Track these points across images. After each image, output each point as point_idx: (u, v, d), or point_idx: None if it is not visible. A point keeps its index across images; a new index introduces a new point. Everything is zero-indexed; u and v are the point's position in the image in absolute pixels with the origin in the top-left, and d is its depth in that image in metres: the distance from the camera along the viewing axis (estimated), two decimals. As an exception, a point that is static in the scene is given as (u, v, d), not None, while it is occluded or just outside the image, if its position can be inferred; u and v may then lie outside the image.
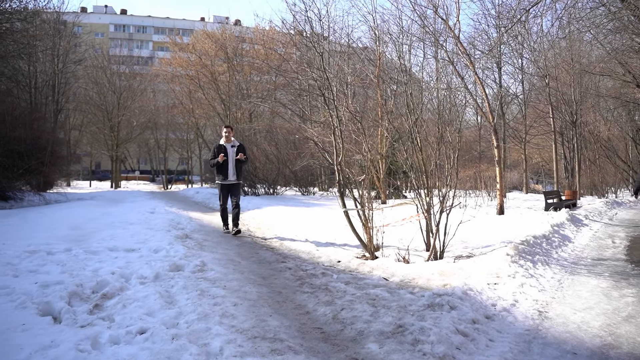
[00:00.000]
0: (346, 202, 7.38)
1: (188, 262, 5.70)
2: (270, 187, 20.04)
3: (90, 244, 6.56)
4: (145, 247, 6.49)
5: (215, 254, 6.60)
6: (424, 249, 7.55)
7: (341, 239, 8.11)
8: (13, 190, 13.17)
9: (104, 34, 72.19)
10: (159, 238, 7.15)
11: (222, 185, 9.30)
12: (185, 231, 8.46)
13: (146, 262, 5.51)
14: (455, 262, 6.33)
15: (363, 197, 7.36)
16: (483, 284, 5.15)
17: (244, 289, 4.78)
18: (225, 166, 9.17)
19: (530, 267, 6.11)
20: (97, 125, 37.60)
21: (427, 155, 7.48)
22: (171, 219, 9.94)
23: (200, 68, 32.71)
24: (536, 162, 35.99)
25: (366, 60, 16.60)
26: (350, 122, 8.20)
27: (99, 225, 8.45)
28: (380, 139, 13.07)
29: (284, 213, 11.95)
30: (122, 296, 4.32)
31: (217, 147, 9.37)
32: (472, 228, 8.04)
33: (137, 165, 65.79)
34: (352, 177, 7.57)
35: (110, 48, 53.42)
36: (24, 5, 20.58)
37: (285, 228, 9.65)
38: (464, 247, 7.61)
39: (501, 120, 25.16)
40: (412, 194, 7.78)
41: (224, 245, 7.63)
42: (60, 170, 16.86)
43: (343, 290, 4.82)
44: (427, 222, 7.15)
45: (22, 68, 25.34)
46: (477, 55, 18.79)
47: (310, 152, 15.51)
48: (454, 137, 7.28)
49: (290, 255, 6.99)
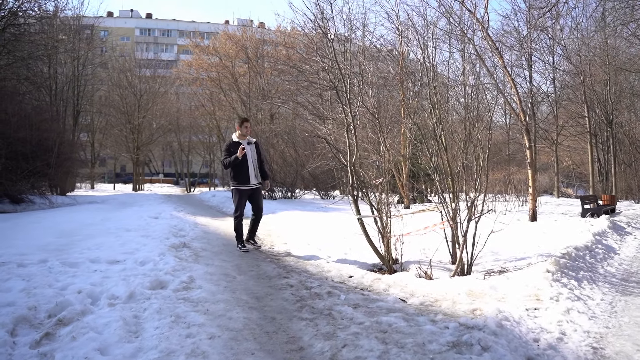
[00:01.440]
0: (362, 207, 6.56)
1: (174, 278, 4.93)
2: (288, 191, 19.29)
3: (72, 254, 5.88)
4: (131, 258, 5.76)
5: (210, 266, 5.82)
6: (449, 261, 6.67)
7: (357, 249, 7.28)
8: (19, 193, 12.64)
9: (130, 38, 72.84)
10: (151, 247, 6.43)
11: (241, 191, 7.60)
12: (185, 239, 7.75)
13: (124, 278, 4.77)
14: (485, 278, 5.44)
15: (380, 202, 6.52)
16: (521, 309, 4.24)
17: (230, 314, 3.97)
18: (244, 167, 7.55)
19: (575, 287, 5.17)
20: (118, 127, 37.56)
21: (453, 155, 6.61)
22: (174, 225, 9.25)
23: (221, 69, 32.31)
24: (566, 165, 34.46)
25: (388, 57, 15.71)
26: (366, 118, 7.38)
27: (92, 232, 7.80)
28: (402, 139, 12.17)
29: (298, 219, 11.16)
30: (79, 323, 3.57)
31: (231, 144, 7.68)
32: (503, 236, 7.09)
33: (162, 168, 66.07)
34: (368, 179, 6.73)
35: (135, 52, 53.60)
36: (39, 5, 20.32)
37: (296, 236, 8.85)
38: (495, 259, 6.71)
39: (532, 120, 23.92)
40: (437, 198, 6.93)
41: (224, 255, 6.86)
42: (69, 172, 16.36)
43: (349, 317, 3.97)
44: (453, 232, 6.26)
45: (43, 70, 25.20)
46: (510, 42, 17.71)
47: (323, 152, 14.67)
48: (484, 134, 6.38)
49: (296, 268, 6.17)
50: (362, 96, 6.71)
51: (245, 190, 7.63)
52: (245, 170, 7.58)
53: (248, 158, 7.59)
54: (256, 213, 7.77)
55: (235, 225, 7.63)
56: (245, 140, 7.73)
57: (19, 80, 21.43)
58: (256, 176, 7.72)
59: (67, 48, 26.62)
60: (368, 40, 19.23)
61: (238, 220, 7.59)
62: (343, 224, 9.75)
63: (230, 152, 7.58)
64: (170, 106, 41.03)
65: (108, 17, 74.44)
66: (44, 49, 23.23)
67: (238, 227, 7.61)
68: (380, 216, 6.42)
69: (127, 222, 9.22)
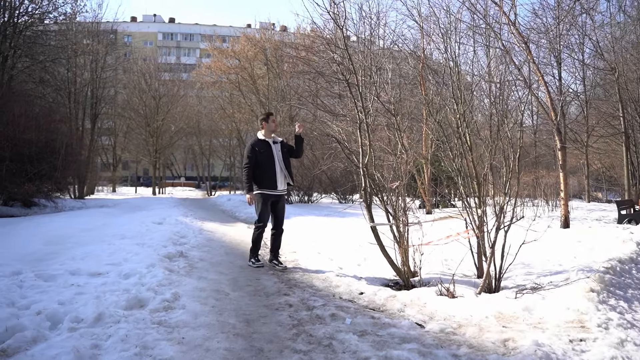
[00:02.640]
0: (377, 214, 5.86)
1: (155, 295, 4.30)
2: (305, 195, 18.62)
3: (52, 265, 5.31)
4: (116, 270, 5.15)
5: (203, 280, 5.18)
6: (474, 274, 5.93)
7: (372, 260, 6.58)
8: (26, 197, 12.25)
9: (153, 43, 73.24)
10: (142, 257, 5.82)
11: (267, 197, 6.51)
12: (184, 247, 7.16)
13: (98, 296, 4.14)
14: (517, 297, 4.69)
15: (397, 208, 5.81)
16: (564, 341, 3.48)
17: (209, 344, 3.30)
18: (270, 168, 6.50)
19: (625, 310, 4.37)
20: (137, 130, 37.54)
21: (479, 156, 5.87)
22: (176, 231, 8.66)
23: (240, 71, 31.92)
24: (596, 169, 33.03)
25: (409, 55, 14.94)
26: (382, 115, 6.67)
27: (84, 239, 7.26)
28: (424, 139, 11.39)
29: (311, 225, 10.49)
30: (24, 355, 2.95)
31: (256, 143, 6.62)
32: (534, 245, 6.30)
33: (184, 171, 66.19)
34: (383, 183, 6.02)
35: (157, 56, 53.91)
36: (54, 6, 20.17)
37: (307, 244, 8.20)
38: (526, 272, 5.94)
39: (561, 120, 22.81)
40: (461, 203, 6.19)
41: (223, 267, 6.20)
42: (77, 175, 15.99)
43: (353, 350, 3.27)
44: (479, 242, 5.51)
45: (61, 73, 25.12)
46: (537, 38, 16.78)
47: (334, 153, 13.93)
48: (514, 131, 5.63)
49: (300, 282, 5.49)
50: (377, 90, 6.01)
51: (271, 196, 6.56)
52: (272, 172, 6.53)
53: (275, 159, 6.57)
54: (276, 226, 6.72)
55: (254, 237, 6.60)
56: (271, 139, 6.70)
57: (36, 83, 21.35)
58: (283, 181, 6.68)
59: (85, 50, 26.48)
60: (389, 38, 18.52)
61: (259, 231, 6.58)
62: (359, 231, 9.02)
63: (255, 153, 6.53)
64: (190, 109, 40.87)
65: (132, 22, 75.26)
66: (62, 51, 23.15)
67: (258, 239, 6.61)
68: (396, 224, 5.72)
69: (127, 228, 8.67)
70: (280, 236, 6.75)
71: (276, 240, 6.70)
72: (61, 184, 14.53)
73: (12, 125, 11.25)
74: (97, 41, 27.78)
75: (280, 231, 6.73)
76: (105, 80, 29.26)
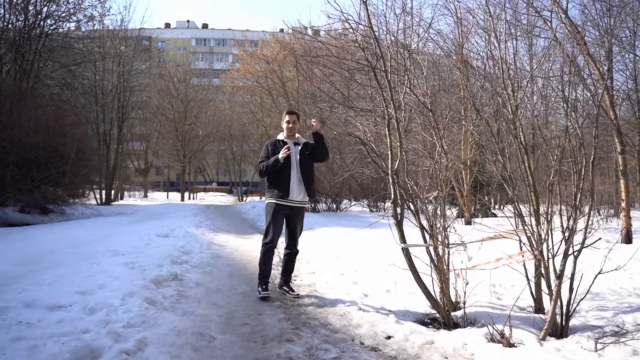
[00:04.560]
0: (409, 232, 4.73)
1: (114, 344, 3.26)
2: (333, 202, 17.49)
3: (8, 293, 4.34)
4: (83, 302, 4.15)
5: (187, 317, 4.12)
6: (530, 307, 4.75)
7: (403, 284, 5.47)
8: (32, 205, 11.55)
9: (186, 49, 73.57)
10: (123, 283, 4.83)
11: (277, 207, 5.31)
12: (183, 267, 6.19)
13: (33, 346, 3.13)
14: (597, 350, 3.49)
15: (434, 225, 4.66)
16: None
17: None
18: (284, 174, 5.32)
19: None
20: (166, 135, 37.30)
21: (535, 159, 4.69)
22: (180, 246, 7.69)
23: (269, 74, 31.23)
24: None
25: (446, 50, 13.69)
26: (415, 111, 5.55)
27: (65, 257, 6.31)
28: (463, 140, 10.14)
29: (337, 238, 9.37)
30: None
31: (272, 143, 5.58)
32: (592, 262, 4.97)
33: (217, 176, 66.09)
34: (417, 193, 4.89)
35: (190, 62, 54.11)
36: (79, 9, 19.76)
37: (330, 262, 7.11)
38: (598, 306, 4.74)
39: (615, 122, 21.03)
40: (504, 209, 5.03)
41: (219, 295, 5.10)
42: (88, 181, 15.30)
43: None
44: (541, 269, 4.31)
45: (89, 77, 24.86)
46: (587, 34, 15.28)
47: (359, 156, 12.73)
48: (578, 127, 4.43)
49: (312, 319, 4.37)
50: (409, 79, 4.87)
51: (282, 206, 5.32)
52: (285, 177, 5.32)
53: (292, 162, 5.36)
54: (290, 245, 5.50)
55: (261, 258, 5.33)
56: (293, 139, 5.56)
57: (61, 87, 21.01)
58: (301, 189, 5.37)
59: (112, 54, 26.17)
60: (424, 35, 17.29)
61: (266, 249, 5.31)
62: (390, 246, 7.81)
63: (268, 152, 5.47)
64: (221, 114, 40.41)
65: (166, 29, 75.97)
66: (88, 55, 22.83)
67: (265, 260, 5.32)
68: (434, 245, 4.57)
69: (125, 241, 7.75)
70: (294, 258, 5.54)
71: (289, 262, 5.52)
72: (70, 190, 13.80)
73: (18, 129, 10.57)
74: (124, 45, 27.43)
75: (294, 252, 5.52)
76: (132, 85, 28.91)
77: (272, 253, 5.37)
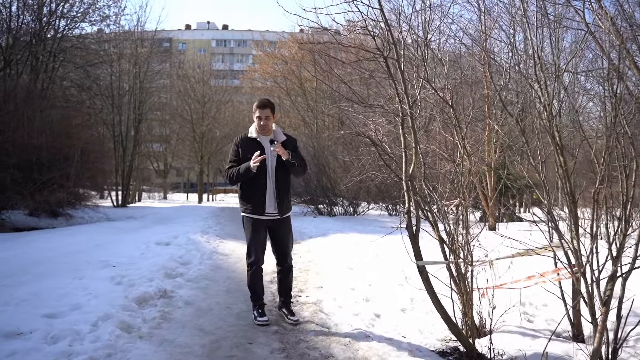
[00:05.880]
0: (426, 246, 4.11)
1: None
2: (350, 205, 16.84)
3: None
4: (47, 327, 3.61)
5: (164, 347, 3.55)
6: (565, 331, 4.11)
7: (420, 302, 4.87)
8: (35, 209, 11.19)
9: (206, 50, 73.61)
10: (101, 302, 4.29)
11: (255, 222, 4.52)
12: (176, 281, 5.65)
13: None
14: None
15: (455, 238, 4.03)
16: None
17: None
18: (258, 183, 4.45)
19: None
20: (182, 136, 37.20)
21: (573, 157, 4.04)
22: (180, 255, 7.16)
23: (287, 74, 30.86)
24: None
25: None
26: (435, 106, 4.93)
27: (48, 269, 5.80)
28: (487, 140, 9.41)
29: (350, 245, 8.73)
30: None
31: (242, 143, 4.60)
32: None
33: (238, 177, 65.90)
34: (436, 201, 4.27)
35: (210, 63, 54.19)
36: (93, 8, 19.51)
37: (340, 274, 6.49)
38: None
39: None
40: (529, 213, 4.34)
41: (210, 317, 4.50)
42: (95, 184, 14.91)
43: None
44: (580, 290, 3.65)
45: (104, 78, 24.70)
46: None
47: (370, 158, 12.02)
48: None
49: (311, 348, 3.75)
50: (426, 70, 4.24)
51: (261, 221, 4.52)
52: (259, 187, 4.46)
53: (267, 168, 4.47)
54: (281, 261, 4.73)
55: (249, 280, 4.59)
56: (268, 136, 4.57)
57: (76, 88, 20.82)
58: (276, 198, 4.51)
59: (128, 55, 25.97)
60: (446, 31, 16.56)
61: (253, 271, 4.55)
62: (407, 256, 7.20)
63: (238, 155, 4.53)
64: (239, 115, 40.17)
65: (186, 30, 76.20)
66: (104, 55, 22.65)
67: (254, 282, 4.57)
68: (455, 262, 3.94)
69: (121, 250, 7.25)
70: (288, 275, 4.75)
71: (284, 280, 4.75)
72: (74, 194, 13.40)
73: (20, 130, 10.21)
74: (140, 46, 27.21)
75: (286, 267, 4.73)
76: (149, 86, 28.71)
77: (260, 273, 4.61)
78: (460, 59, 10.28)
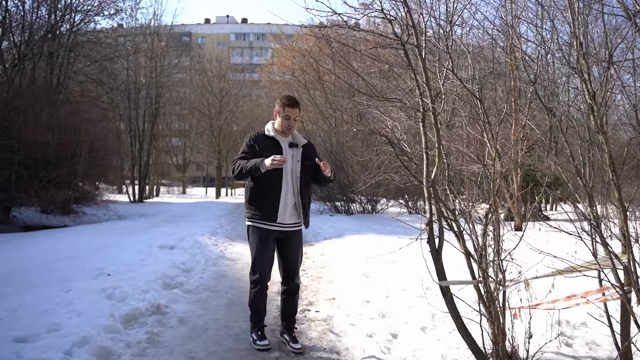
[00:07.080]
0: (450, 262, 3.58)
1: None
2: (368, 203, 16.26)
3: None
4: (14, 355, 3.17)
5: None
6: (613, 358, 3.56)
7: (442, 320, 4.31)
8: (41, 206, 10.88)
9: (224, 44, 73.39)
10: (83, 320, 3.84)
11: (263, 233, 3.97)
12: (173, 293, 5.21)
13: None
14: None
15: (484, 252, 3.48)
16: None
17: None
18: (273, 187, 3.92)
19: None
20: (200, 131, 37.09)
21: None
22: (183, 261, 6.73)
23: (305, 67, 30.41)
24: None
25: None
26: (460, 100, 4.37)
27: (39, 278, 5.37)
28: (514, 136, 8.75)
29: (368, 248, 8.17)
30: None
31: (257, 139, 4.06)
32: None
33: (258, 171, 65.91)
34: (462, 207, 3.72)
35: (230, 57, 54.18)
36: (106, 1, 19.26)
37: (355, 282, 5.99)
38: None
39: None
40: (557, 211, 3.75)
41: (204, 339, 4.00)
42: (107, 181, 14.60)
43: None
44: (630, 313, 3.09)
45: (120, 72, 24.53)
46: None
47: (388, 158, 11.43)
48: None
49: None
50: (450, 57, 3.68)
51: (270, 231, 3.98)
52: (274, 192, 3.93)
53: (286, 173, 3.95)
54: (286, 279, 4.15)
55: (251, 299, 4.05)
56: (287, 139, 4.07)
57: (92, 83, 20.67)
58: (296, 208, 4.03)
59: (144, 49, 25.76)
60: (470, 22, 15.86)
61: (257, 290, 4.00)
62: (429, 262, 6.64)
63: (253, 150, 3.98)
64: (257, 109, 39.90)
65: (205, 24, 76.09)
66: (120, 49, 22.46)
67: (257, 301, 4.03)
68: (484, 282, 3.39)
69: (120, 255, 6.82)
70: (294, 296, 4.17)
71: (289, 303, 4.15)
72: (81, 191, 13.08)
73: (26, 126, 9.90)
74: (157, 39, 26.96)
75: (293, 287, 4.15)
76: (166, 80, 28.50)
77: (265, 292, 4.07)
78: (484, 50, 9.66)
